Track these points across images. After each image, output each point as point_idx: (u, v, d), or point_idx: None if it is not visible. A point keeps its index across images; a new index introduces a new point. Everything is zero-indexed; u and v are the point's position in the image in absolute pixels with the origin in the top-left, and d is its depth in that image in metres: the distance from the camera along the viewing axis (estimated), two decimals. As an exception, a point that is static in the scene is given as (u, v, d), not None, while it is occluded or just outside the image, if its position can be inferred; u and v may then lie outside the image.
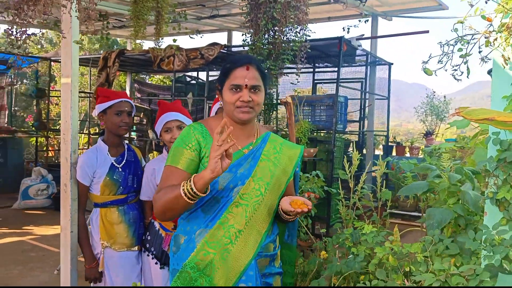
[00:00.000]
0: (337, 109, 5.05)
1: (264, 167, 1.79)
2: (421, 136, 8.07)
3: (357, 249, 1.96)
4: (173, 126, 2.46)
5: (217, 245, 1.69)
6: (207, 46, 6.03)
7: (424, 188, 2.32)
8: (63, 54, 2.54)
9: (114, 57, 6.83)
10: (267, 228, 1.78)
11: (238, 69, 1.73)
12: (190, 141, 1.74)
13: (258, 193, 1.75)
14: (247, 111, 1.73)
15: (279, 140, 1.92)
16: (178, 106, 2.56)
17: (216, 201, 1.72)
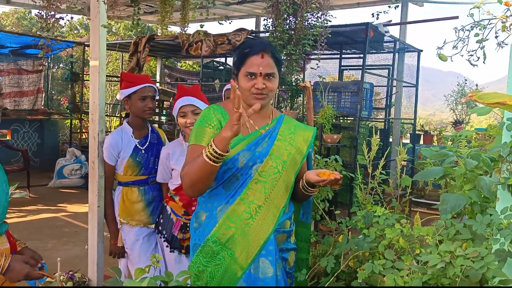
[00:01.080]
0: (362, 95, 5.03)
1: (281, 146, 1.87)
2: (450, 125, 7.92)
3: (369, 230, 2.01)
4: (188, 111, 2.48)
5: (238, 219, 1.78)
6: (234, 32, 6.09)
7: (439, 174, 2.33)
8: (92, 38, 2.66)
9: (144, 42, 6.99)
10: (284, 204, 1.86)
11: (253, 56, 1.81)
12: (212, 120, 1.84)
13: (275, 170, 1.84)
14: (261, 98, 1.82)
15: (293, 121, 2.01)
16: (195, 91, 2.58)
17: (236, 179, 1.81)
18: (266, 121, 1.93)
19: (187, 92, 2.55)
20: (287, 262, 1.92)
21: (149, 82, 2.64)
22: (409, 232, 1.89)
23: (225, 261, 1.78)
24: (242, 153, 1.81)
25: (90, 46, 2.69)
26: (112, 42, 8.11)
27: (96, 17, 2.58)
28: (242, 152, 1.81)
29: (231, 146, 1.80)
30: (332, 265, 1.84)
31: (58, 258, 2.10)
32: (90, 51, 2.73)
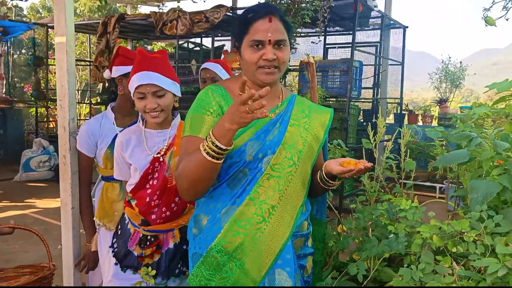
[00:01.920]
0: (352, 75, 4.75)
1: (295, 133, 1.55)
2: (434, 103, 7.77)
3: (395, 227, 1.72)
4: (148, 92, 1.85)
5: (247, 224, 1.46)
6: (212, 9, 5.68)
7: (465, 158, 2.06)
8: (56, 11, 2.24)
9: (114, 22, 6.49)
10: (302, 202, 1.57)
11: (259, 21, 1.46)
12: (211, 105, 1.50)
13: (290, 162, 1.52)
14: (272, 72, 1.49)
15: (306, 102, 1.68)
16: (159, 63, 1.92)
17: (244, 174, 1.49)
18: (276, 103, 1.59)
19: (148, 62, 1.90)
20: (305, 270, 1.62)
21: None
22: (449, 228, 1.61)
23: (233, 274, 1.46)
24: (250, 143, 1.48)
25: (55, 19, 2.27)
26: (78, 23, 7.53)
27: (60, -16, 2.16)
28: (250, 142, 1.48)
29: (236, 136, 1.46)
30: (363, 272, 1.54)
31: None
32: (54, 26, 2.31)
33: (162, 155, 1.91)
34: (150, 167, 1.89)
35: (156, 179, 1.90)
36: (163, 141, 1.94)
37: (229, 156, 1.47)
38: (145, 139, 1.94)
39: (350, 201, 5.67)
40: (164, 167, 1.90)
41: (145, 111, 1.88)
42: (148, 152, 1.91)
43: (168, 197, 1.90)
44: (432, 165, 3.05)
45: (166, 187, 1.89)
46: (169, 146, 1.93)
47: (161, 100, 1.88)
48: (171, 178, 1.89)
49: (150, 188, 1.90)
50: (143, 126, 1.99)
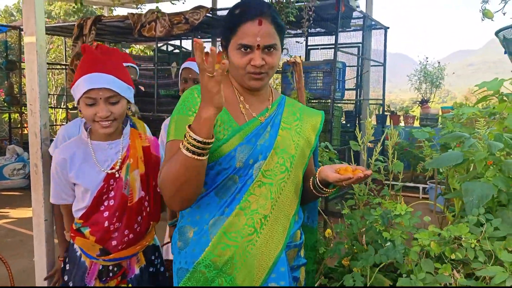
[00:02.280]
0: (335, 76, 4.68)
1: (286, 137, 1.45)
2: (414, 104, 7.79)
3: (391, 233, 1.63)
4: (101, 97, 1.59)
5: (238, 236, 1.35)
6: (192, 10, 5.54)
7: (458, 160, 1.99)
8: (25, 9, 2.09)
9: (90, 24, 6.28)
10: (295, 211, 1.47)
11: (248, 23, 1.35)
12: (197, 106, 1.37)
13: (283, 168, 1.42)
14: (260, 78, 1.39)
15: (297, 104, 1.59)
16: (112, 62, 1.65)
17: (233, 182, 1.38)
18: (266, 105, 1.50)
19: (99, 63, 1.62)
20: (298, 282, 1.52)
21: (128, 60, 2.07)
22: (448, 234, 1.53)
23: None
24: (240, 148, 1.37)
25: (24, 18, 2.12)
26: (53, 25, 7.29)
27: (29, -20, 2.02)
28: (240, 146, 1.38)
29: (224, 140, 1.36)
30: (360, 284, 1.45)
31: None
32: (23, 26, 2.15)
33: (117, 170, 1.67)
34: (104, 185, 1.64)
35: (113, 199, 1.66)
36: (116, 154, 1.70)
37: (218, 163, 1.36)
38: (94, 153, 1.68)
39: (335, 203, 5.61)
40: (121, 183, 1.67)
41: (95, 120, 1.60)
42: (99, 168, 1.66)
43: (130, 218, 1.68)
44: (421, 167, 3.00)
45: (126, 206, 1.67)
46: (124, 159, 1.70)
47: (115, 107, 1.61)
48: (131, 196, 1.69)
49: (107, 210, 1.66)
50: (88, 138, 1.70)
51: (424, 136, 3.10)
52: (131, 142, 1.74)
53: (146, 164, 1.75)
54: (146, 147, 1.78)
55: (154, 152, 1.80)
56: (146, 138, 1.81)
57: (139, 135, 1.80)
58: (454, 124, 2.65)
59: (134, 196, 1.69)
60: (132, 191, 1.69)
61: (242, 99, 1.45)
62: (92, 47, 1.71)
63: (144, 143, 1.78)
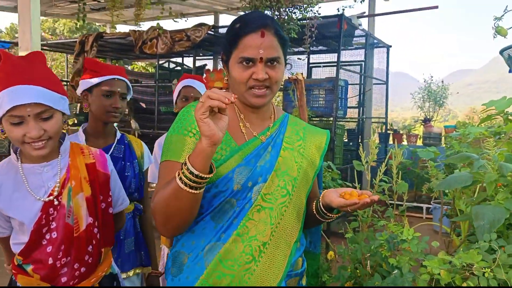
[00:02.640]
0: (337, 93, 4.63)
1: (288, 158, 1.37)
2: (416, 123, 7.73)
3: (398, 260, 1.54)
4: (29, 114, 1.32)
5: (235, 264, 1.26)
6: (194, 27, 5.53)
7: (467, 182, 1.91)
8: (21, 24, 2.04)
9: (91, 41, 6.29)
10: (297, 237, 1.37)
11: (250, 35, 1.28)
12: (193, 126, 1.29)
13: (284, 191, 1.33)
14: (263, 94, 1.31)
15: (301, 123, 1.50)
16: (37, 71, 1.38)
17: (231, 206, 1.29)
18: (267, 124, 1.42)
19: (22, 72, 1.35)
20: None
21: (121, 74, 1.97)
22: (459, 262, 1.44)
23: None
24: (238, 170, 1.29)
25: (19, 33, 2.07)
26: (55, 41, 7.30)
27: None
28: (238, 168, 1.29)
29: (222, 161, 1.28)
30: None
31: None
32: (19, 41, 2.10)
33: (57, 197, 1.40)
34: (42, 216, 1.38)
35: (55, 231, 1.40)
36: (54, 177, 1.43)
37: (214, 185, 1.27)
38: (26, 179, 1.39)
39: (338, 223, 5.49)
40: (63, 212, 1.41)
41: (25, 142, 1.33)
42: (34, 196, 1.38)
43: (79, 249, 1.44)
44: (427, 188, 2.92)
45: (72, 237, 1.42)
46: (64, 182, 1.43)
47: (48, 124, 1.35)
48: (77, 225, 1.43)
49: (50, 244, 1.39)
50: (19, 161, 1.41)
51: (429, 156, 3.02)
52: (72, 160, 1.47)
53: (92, 184, 1.49)
54: (91, 164, 1.52)
55: (101, 169, 1.54)
56: (90, 154, 1.54)
57: (81, 151, 1.53)
58: (461, 144, 2.57)
59: (80, 224, 1.44)
60: (78, 219, 1.44)
61: (242, 117, 1.38)
62: (10, 53, 1.41)
63: (88, 160, 1.52)
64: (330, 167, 2.53)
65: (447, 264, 1.43)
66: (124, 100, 2.01)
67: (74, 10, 6.72)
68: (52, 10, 7.87)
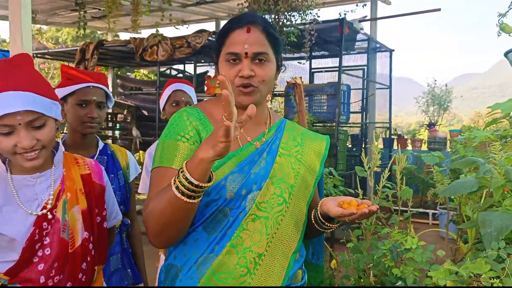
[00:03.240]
0: (340, 98, 4.57)
1: (285, 165, 1.30)
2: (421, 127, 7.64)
3: (402, 270, 1.47)
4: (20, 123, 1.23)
5: (229, 277, 1.19)
6: (194, 34, 5.51)
7: (473, 187, 1.83)
8: (12, 29, 2.00)
9: (92, 48, 6.28)
10: (295, 248, 1.29)
11: (236, 31, 1.25)
12: (186, 130, 1.25)
13: (280, 199, 1.26)
14: (249, 92, 1.25)
15: (299, 129, 1.44)
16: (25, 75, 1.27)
17: (224, 215, 1.22)
18: (262, 129, 1.36)
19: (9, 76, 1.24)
20: None
21: (96, 81, 1.83)
22: (466, 272, 1.37)
23: None
24: (231, 177, 1.23)
25: (10, 39, 2.03)
26: (55, 50, 7.31)
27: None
28: (231, 175, 1.23)
29: (214, 168, 1.21)
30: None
31: None
32: (10, 48, 2.06)
33: (50, 210, 1.30)
34: (36, 231, 1.27)
35: (49, 247, 1.29)
36: (47, 189, 1.33)
37: (206, 193, 1.21)
38: (16, 192, 1.29)
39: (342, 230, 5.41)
40: (58, 225, 1.31)
41: (16, 152, 1.23)
42: (26, 210, 1.28)
43: (73, 266, 1.33)
44: (432, 193, 2.85)
45: (67, 253, 1.32)
46: (58, 194, 1.34)
47: (41, 132, 1.26)
48: (72, 240, 1.33)
49: (42, 261, 1.28)
50: (8, 172, 1.31)
51: (434, 161, 2.95)
52: (66, 171, 1.38)
53: (88, 196, 1.41)
54: (86, 175, 1.43)
55: (97, 181, 1.46)
56: (85, 164, 1.46)
57: (76, 161, 1.44)
58: (466, 148, 2.50)
59: (76, 239, 1.34)
60: (73, 233, 1.34)
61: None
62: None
63: (83, 171, 1.43)
64: (332, 174, 2.46)
65: (454, 275, 1.35)
66: (102, 109, 1.88)
67: (76, 19, 6.72)
68: (53, 19, 7.89)
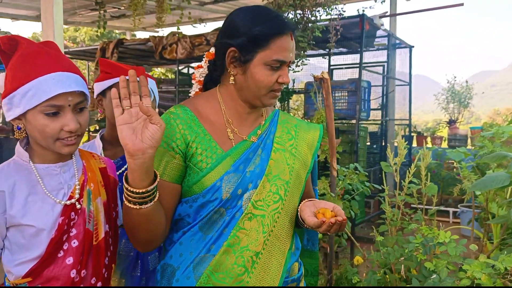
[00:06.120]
0: (360, 95, 4.55)
1: (280, 160, 1.29)
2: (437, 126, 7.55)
3: (435, 263, 1.46)
4: (70, 104, 1.20)
5: (226, 277, 1.19)
6: (213, 32, 5.54)
7: (504, 182, 1.82)
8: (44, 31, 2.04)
9: (112, 47, 6.35)
10: (290, 243, 1.30)
11: (283, 37, 1.22)
12: (174, 138, 1.22)
13: (276, 197, 1.26)
14: (278, 96, 1.30)
15: (292, 120, 1.42)
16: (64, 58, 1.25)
17: (220, 215, 1.22)
18: (259, 122, 1.34)
19: (54, 57, 1.22)
20: None
21: (138, 74, 1.81)
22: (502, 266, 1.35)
23: None
24: (227, 178, 1.21)
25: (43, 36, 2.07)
26: (76, 49, 7.41)
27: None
28: (227, 175, 1.21)
29: (209, 169, 1.20)
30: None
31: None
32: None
33: (78, 199, 1.26)
34: (65, 221, 1.22)
35: (76, 238, 1.24)
36: (72, 178, 1.28)
37: (201, 195, 1.21)
38: (41, 180, 1.23)
39: (361, 228, 5.39)
40: (84, 216, 1.26)
41: (59, 137, 1.19)
42: (53, 199, 1.23)
43: (97, 261, 1.28)
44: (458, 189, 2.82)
45: (91, 245, 1.27)
46: (83, 184, 1.29)
47: (82, 116, 1.24)
48: (96, 231, 1.29)
49: (70, 254, 1.22)
50: (30, 162, 1.25)
51: (459, 157, 2.93)
52: (86, 162, 1.35)
53: (106, 189, 1.38)
54: (103, 168, 1.40)
55: (112, 175, 1.44)
56: (100, 159, 1.44)
57: (92, 155, 1.42)
58: (494, 144, 2.47)
59: (100, 231, 1.30)
60: (98, 225, 1.30)
61: (230, 121, 1.29)
62: (29, 39, 1.27)
63: (100, 164, 1.40)
64: (357, 169, 2.46)
65: (490, 269, 1.34)
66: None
67: (95, 18, 6.80)
68: (73, 19, 7.99)
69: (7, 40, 1.22)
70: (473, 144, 5.75)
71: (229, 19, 1.29)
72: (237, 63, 1.24)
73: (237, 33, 1.23)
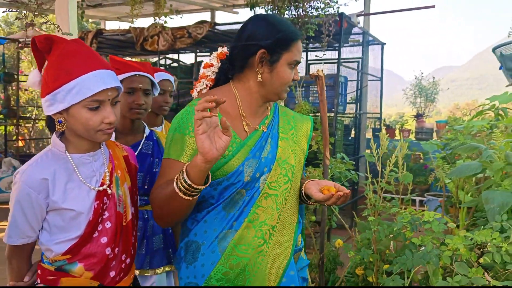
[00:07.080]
0: (338, 90, 4.80)
1: (286, 148, 1.50)
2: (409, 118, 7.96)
3: (421, 239, 1.71)
4: (109, 98, 1.34)
5: (248, 248, 1.39)
6: (195, 24, 5.64)
7: (477, 170, 2.09)
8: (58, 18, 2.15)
9: (91, 37, 6.34)
10: (297, 218, 1.54)
11: (299, 41, 1.46)
12: (192, 126, 1.38)
13: (286, 179, 1.47)
14: (288, 91, 1.52)
15: (289, 112, 1.63)
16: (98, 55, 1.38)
17: (241, 196, 1.41)
18: (266, 113, 1.53)
19: (93, 55, 1.35)
20: (307, 282, 1.62)
21: (142, 70, 1.98)
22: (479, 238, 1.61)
23: None
24: (247, 163, 1.40)
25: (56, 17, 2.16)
26: (51, 38, 7.29)
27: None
28: (247, 161, 1.40)
29: (231, 156, 1.39)
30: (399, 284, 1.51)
31: None
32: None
33: (109, 185, 1.40)
34: (100, 205, 1.37)
35: (109, 220, 1.40)
36: (101, 166, 1.42)
37: (226, 178, 1.38)
38: (77, 169, 1.36)
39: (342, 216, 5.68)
40: (115, 200, 1.42)
41: (99, 129, 1.32)
42: (88, 186, 1.36)
43: (126, 240, 1.45)
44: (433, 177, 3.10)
45: (122, 226, 1.43)
46: (111, 171, 1.44)
47: (117, 109, 1.38)
48: (125, 213, 1.45)
49: (104, 235, 1.38)
50: (66, 152, 1.37)
51: (433, 148, 3.21)
52: (112, 151, 1.49)
53: (130, 175, 1.53)
54: (125, 156, 1.55)
55: (133, 162, 1.58)
56: (122, 147, 1.58)
57: (116, 144, 1.56)
58: (465, 136, 2.76)
59: (127, 213, 1.47)
60: (126, 208, 1.46)
61: (243, 114, 1.47)
62: (65, 38, 1.38)
63: (123, 152, 1.55)
64: (344, 158, 2.69)
65: (469, 241, 1.59)
66: (148, 96, 2.03)
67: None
68: (48, 7, 7.85)
69: (43, 40, 1.32)
70: (439, 137, 6.14)
71: (249, 27, 1.44)
72: (265, 63, 1.41)
73: (264, 37, 1.40)
